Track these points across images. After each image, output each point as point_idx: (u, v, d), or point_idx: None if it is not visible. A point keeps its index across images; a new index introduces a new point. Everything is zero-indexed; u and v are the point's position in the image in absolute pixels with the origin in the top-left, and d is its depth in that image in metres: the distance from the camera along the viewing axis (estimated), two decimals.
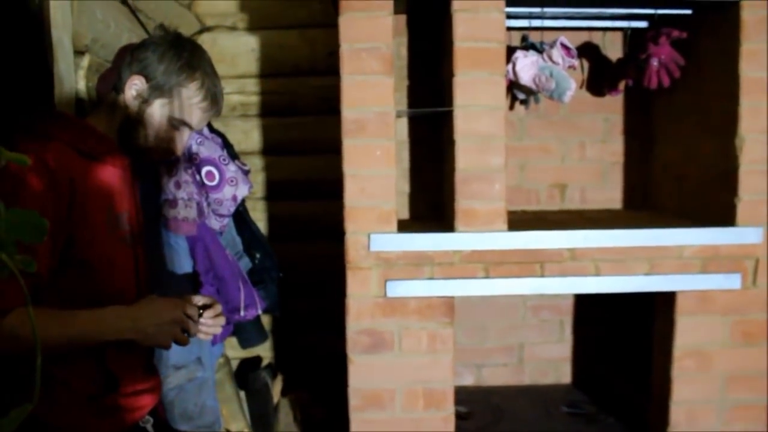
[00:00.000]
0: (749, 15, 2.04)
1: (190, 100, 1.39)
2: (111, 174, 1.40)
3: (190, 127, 1.43)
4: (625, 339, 2.74)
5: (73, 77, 1.91)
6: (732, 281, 2.11)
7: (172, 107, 1.38)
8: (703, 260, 2.11)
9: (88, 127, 1.39)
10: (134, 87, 1.37)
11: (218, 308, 1.42)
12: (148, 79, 1.37)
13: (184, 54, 1.39)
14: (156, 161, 1.51)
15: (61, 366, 1.30)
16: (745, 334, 2.15)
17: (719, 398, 2.17)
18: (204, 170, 2.16)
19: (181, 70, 1.37)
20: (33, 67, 1.76)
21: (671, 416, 2.18)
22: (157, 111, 1.38)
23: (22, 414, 0.69)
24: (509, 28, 2.29)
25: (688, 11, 2.26)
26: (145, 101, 1.38)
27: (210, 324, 1.40)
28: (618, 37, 2.59)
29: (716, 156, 2.19)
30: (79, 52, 1.95)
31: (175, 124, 1.40)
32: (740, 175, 2.09)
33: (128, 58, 1.39)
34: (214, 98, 1.42)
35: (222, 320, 1.43)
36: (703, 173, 2.29)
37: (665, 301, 2.19)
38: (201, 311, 1.38)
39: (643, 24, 2.42)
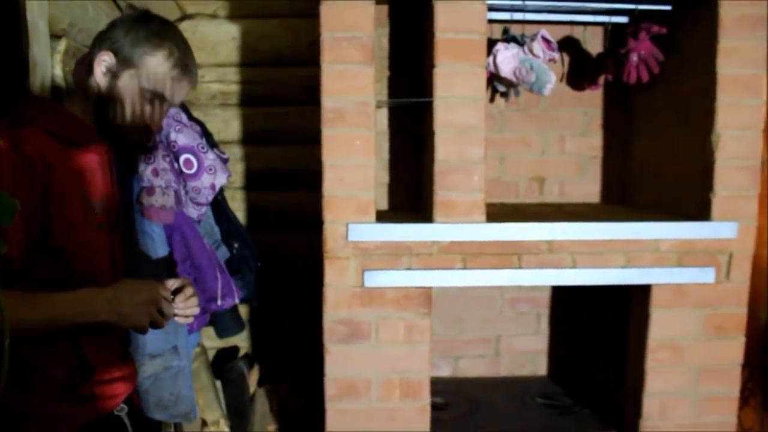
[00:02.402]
0: (727, 12, 2.06)
1: (159, 69, 1.36)
2: (88, 160, 1.38)
3: (163, 99, 1.40)
4: (601, 332, 2.76)
5: (49, 62, 1.88)
6: (706, 275, 2.14)
7: (141, 77, 1.35)
8: (678, 254, 2.13)
9: (66, 113, 1.37)
10: (103, 63, 1.34)
11: (189, 290, 1.41)
12: (116, 54, 1.35)
13: (152, 26, 1.37)
14: (134, 143, 1.48)
15: (35, 353, 1.29)
16: (717, 327, 2.17)
17: (692, 390, 2.20)
18: (182, 158, 2.14)
19: (147, 39, 1.35)
20: (6, 51, 1.72)
21: (644, 408, 2.20)
22: (127, 83, 1.35)
23: None
24: (490, 21, 2.29)
25: (668, 7, 2.28)
26: (115, 75, 1.35)
27: (182, 306, 1.39)
28: (599, 31, 2.60)
29: (693, 151, 2.21)
30: (55, 36, 1.92)
31: (147, 95, 1.37)
32: (716, 171, 2.11)
33: (98, 38, 1.37)
34: (185, 68, 1.39)
35: (195, 301, 1.41)
36: (680, 168, 2.31)
37: (641, 294, 2.21)
38: (173, 296, 1.37)
39: (623, 19, 2.43)
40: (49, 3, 1.88)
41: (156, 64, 1.36)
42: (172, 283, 1.39)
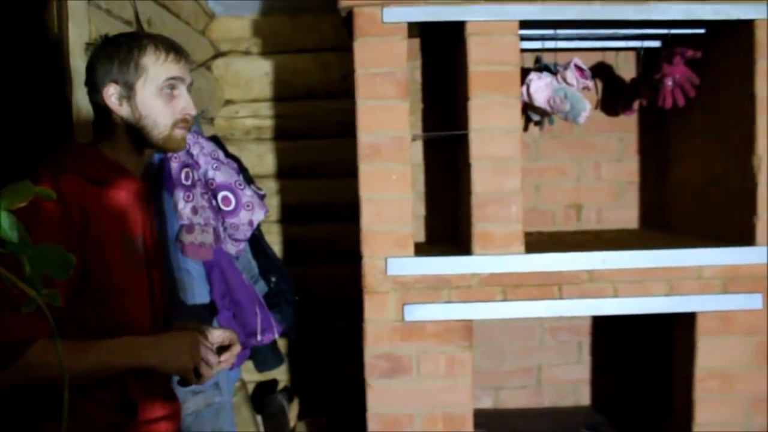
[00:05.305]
0: (763, 34, 2.03)
1: (159, 60, 1.37)
2: (122, 199, 1.40)
3: (180, 81, 1.39)
4: (644, 360, 2.71)
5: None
6: (753, 301, 2.09)
7: (151, 78, 1.37)
8: (723, 280, 2.09)
9: (97, 155, 1.39)
10: (112, 96, 1.36)
11: (237, 348, 1.45)
12: (116, 81, 1.36)
13: (121, 39, 1.39)
14: (178, 148, 1.46)
15: (79, 394, 1.29)
16: None
17: (744, 421, 2.13)
18: (220, 195, 2.16)
19: (130, 50, 1.36)
20: (51, 97, 1.77)
21: None
22: (144, 91, 1.37)
23: None
24: (522, 50, 2.29)
25: (702, 30, 2.26)
26: (129, 97, 1.36)
27: (222, 360, 1.42)
28: (631, 56, 2.59)
29: (734, 175, 2.18)
30: None
31: (166, 87, 1.38)
32: (758, 194, 2.07)
33: (89, 84, 1.39)
34: (176, 49, 1.40)
35: (232, 358, 1.45)
36: (720, 192, 2.27)
37: (685, 322, 2.17)
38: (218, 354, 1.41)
39: (656, 44, 2.42)
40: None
41: (155, 60, 1.37)
42: (218, 336, 1.43)
